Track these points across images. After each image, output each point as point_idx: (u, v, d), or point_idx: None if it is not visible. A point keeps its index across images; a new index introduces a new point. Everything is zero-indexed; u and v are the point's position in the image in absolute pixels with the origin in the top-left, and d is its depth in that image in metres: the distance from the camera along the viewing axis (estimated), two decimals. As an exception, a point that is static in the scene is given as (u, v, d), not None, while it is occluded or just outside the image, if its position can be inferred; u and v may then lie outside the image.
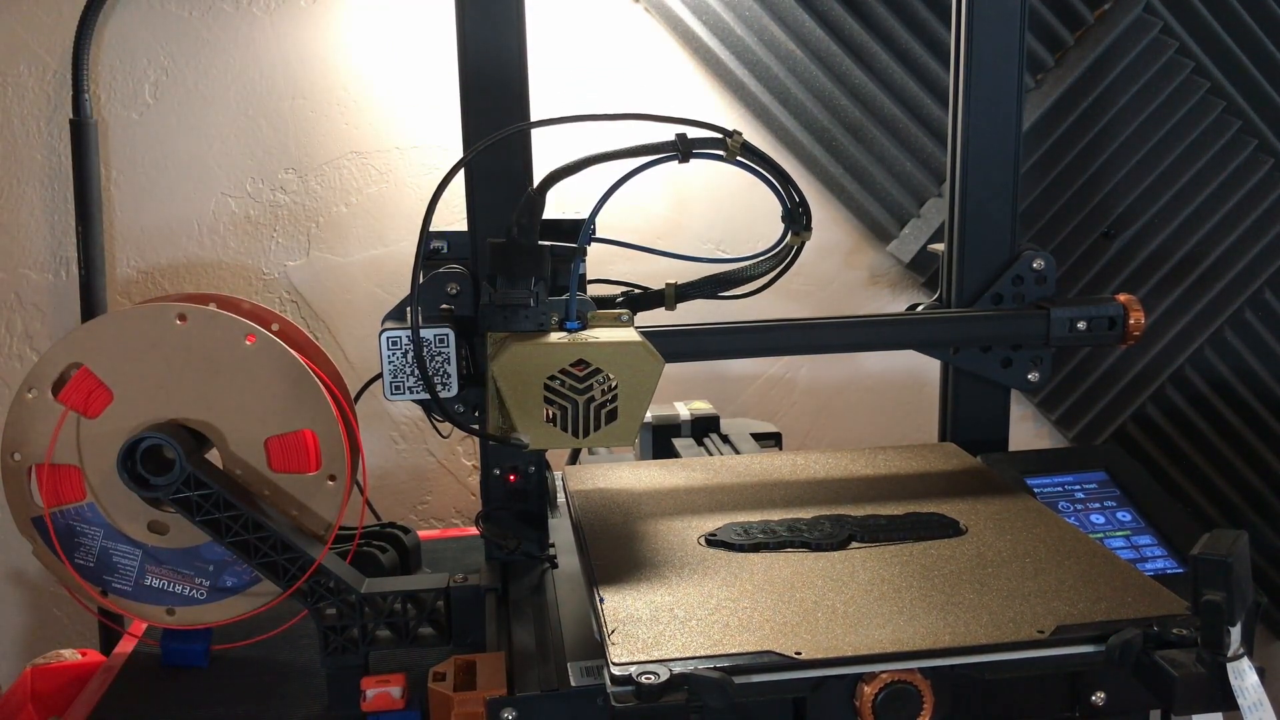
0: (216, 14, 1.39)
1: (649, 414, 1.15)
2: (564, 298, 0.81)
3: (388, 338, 0.84)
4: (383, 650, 0.88)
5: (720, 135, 0.79)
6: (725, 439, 1.14)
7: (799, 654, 0.64)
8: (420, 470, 1.55)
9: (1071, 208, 1.56)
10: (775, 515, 0.85)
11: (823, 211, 1.53)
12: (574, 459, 1.13)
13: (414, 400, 0.86)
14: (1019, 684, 0.68)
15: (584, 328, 0.81)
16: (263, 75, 1.41)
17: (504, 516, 0.94)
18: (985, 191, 1.02)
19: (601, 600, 0.71)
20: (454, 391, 0.86)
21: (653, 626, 0.67)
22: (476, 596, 0.88)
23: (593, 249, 0.83)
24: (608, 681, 0.62)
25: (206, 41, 1.39)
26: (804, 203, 0.84)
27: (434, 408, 0.86)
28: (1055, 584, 0.72)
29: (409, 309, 0.82)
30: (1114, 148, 1.55)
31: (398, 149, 1.45)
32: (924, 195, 1.53)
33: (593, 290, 0.91)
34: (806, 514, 0.85)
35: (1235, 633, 0.61)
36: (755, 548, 0.79)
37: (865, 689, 0.64)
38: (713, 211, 1.52)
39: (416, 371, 0.84)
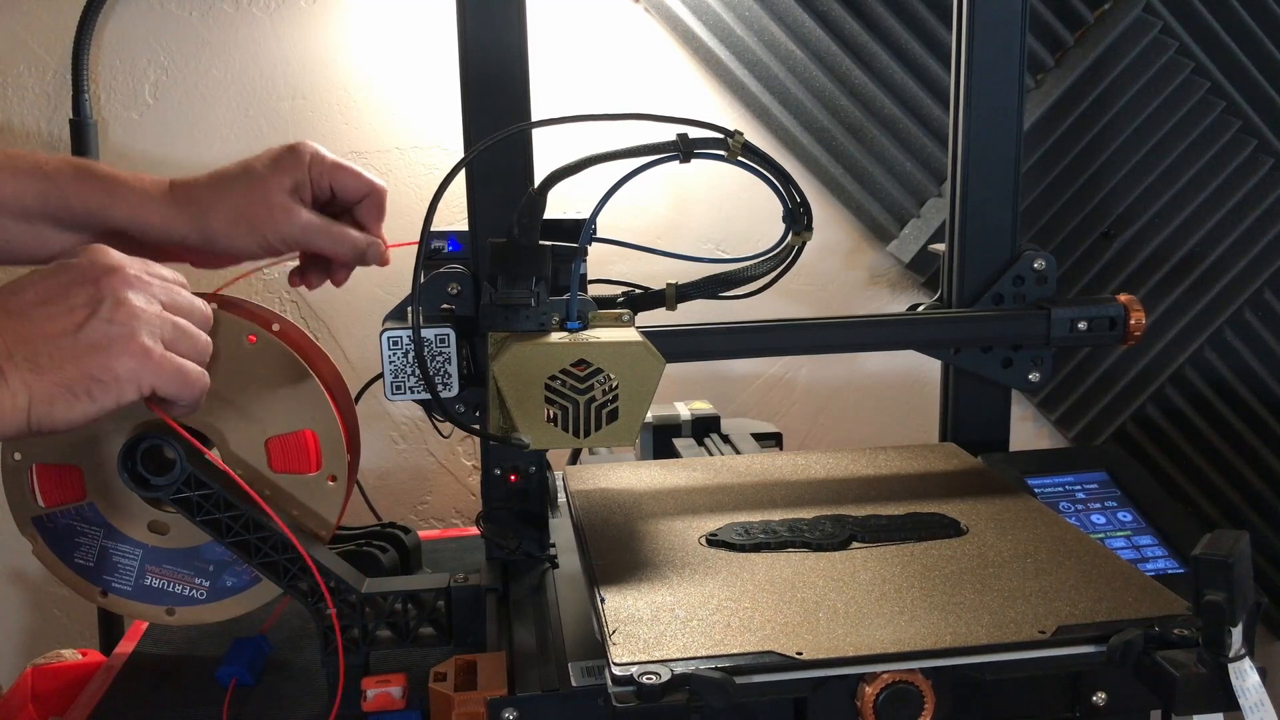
0: (216, 14, 1.39)
1: (650, 414, 1.15)
2: (565, 298, 0.81)
3: (388, 338, 0.84)
4: (383, 650, 0.88)
5: (721, 135, 0.78)
6: (726, 439, 1.14)
7: (800, 654, 0.64)
8: (420, 470, 1.55)
9: (1071, 208, 1.56)
10: (776, 515, 0.85)
11: (823, 211, 1.53)
12: (574, 459, 1.13)
13: (414, 400, 0.85)
14: (1020, 684, 0.68)
15: (585, 328, 0.81)
16: (263, 75, 1.41)
17: (504, 516, 0.94)
18: (985, 191, 1.02)
19: (602, 600, 0.71)
20: (455, 391, 0.85)
21: (654, 626, 0.67)
22: (477, 596, 0.88)
23: (593, 249, 0.83)
24: (609, 681, 0.62)
25: (206, 41, 1.39)
26: (805, 203, 0.84)
27: (434, 408, 0.86)
28: (1056, 584, 0.72)
29: (410, 309, 0.82)
30: (1114, 148, 1.55)
31: (398, 149, 1.45)
32: (924, 195, 1.53)
33: (593, 290, 0.91)
34: (807, 514, 0.85)
35: (1236, 633, 0.61)
36: (756, 548, 0.79)
37: (866, 689, 0.64)
38: (713, 211, 1.52)
39: (417, 371, 0.84)
